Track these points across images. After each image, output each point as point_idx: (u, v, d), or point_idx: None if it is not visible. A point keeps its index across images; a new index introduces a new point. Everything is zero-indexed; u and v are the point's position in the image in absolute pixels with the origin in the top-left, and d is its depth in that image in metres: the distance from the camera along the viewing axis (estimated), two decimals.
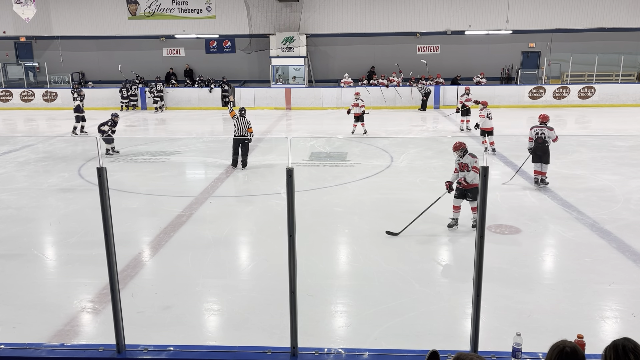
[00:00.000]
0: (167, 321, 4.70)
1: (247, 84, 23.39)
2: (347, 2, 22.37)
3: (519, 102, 20.72)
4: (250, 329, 4.57)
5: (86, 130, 15.58)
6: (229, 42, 23.52)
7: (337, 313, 4.88)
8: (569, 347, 2.16)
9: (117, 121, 12.71)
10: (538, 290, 5.29)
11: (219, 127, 17.72)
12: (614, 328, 4.58)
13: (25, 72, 23.86)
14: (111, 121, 12.60)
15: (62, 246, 6.74)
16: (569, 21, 21.79)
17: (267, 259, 6.08)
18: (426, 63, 21.41)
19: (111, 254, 3.00)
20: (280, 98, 21.47)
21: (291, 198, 2.83)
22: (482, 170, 2.73)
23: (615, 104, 20.37)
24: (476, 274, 2.85)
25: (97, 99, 21.67)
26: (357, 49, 23.01)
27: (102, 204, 2.90)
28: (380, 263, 6.00)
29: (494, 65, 22.49)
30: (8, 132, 17.11)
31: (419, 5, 22.28)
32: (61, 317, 4.78)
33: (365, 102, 21.36)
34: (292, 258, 2.91)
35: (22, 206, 8.35)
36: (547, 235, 6.92)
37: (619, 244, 6.36)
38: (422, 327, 4.57)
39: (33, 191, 9.21)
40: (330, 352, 3.08)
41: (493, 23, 22.13)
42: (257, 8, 22.26)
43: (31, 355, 3.11)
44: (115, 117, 12.69)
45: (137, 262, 6.08)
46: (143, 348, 3.14)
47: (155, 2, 22.94)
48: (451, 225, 7.02)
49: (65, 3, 23.11)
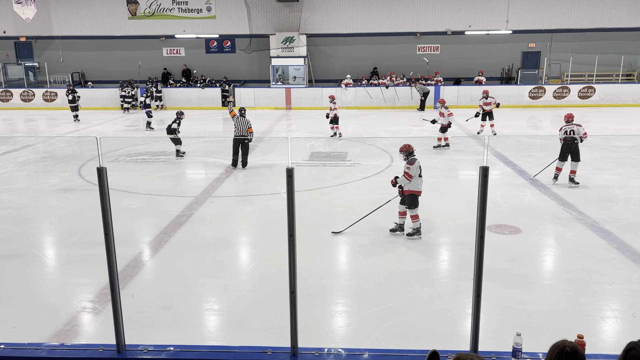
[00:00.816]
0: (167, 321, 4.70)
1: (247, 84, 23.39)
2: (347, 2, 22.37)
3: (519, 102, 20.72)
4: (250, 329, 4.57)
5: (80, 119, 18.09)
6: (229, 42, 23.52)
7: (337, 313, 4.88)
8: (569, 347, 2.16)
9: (182, 119, 11.91)
10: (538, 290, 5.29)
11: (219, 127, 17.72)
12: (614, 328, 4.58)
13: (25, 72, 23.86)
14: (178, 120, 11.86)
15: (62, 246, 6.74)
16: (569, 21, 21.79)
17: (267, 259, 6.08)
18: (427, 62, 21.45)
19: (111, 254, 3.00)
20: (280, 98, 21.47)
21: (291, 198, 2.83)
22: (482, 170, 2.73)
23: (615, 104, 20.37)
24: (476, 274, 2.85)
25: (97, 99, 21.70)
26: (357, 49, 23.02)
27: (102, 204, 2.90)
28: (380, 263, 6.00)
29: (494, 65, 22.48)
30: (8, 132, 17.11)
31: (419, 5, 22.28)
32: (61, 317, 4.78)
33: (366, 102, 21.56)
34: (292, 258, 2.91)
35: (22, 206, 8.35)
36: (547, 235, 6.92)
37: (619, 244, 6.36)
38: (422, 327, 4.57)
39: (33, 191, 9.21)
40: (330, 352, 3.08)
41: (493, 23, 22.13)
42: (257, 8, 22.26)
43: (31, 355, 3.11)
44: (181, 115, 11.92)
45: (137, 262, 6.08)
46: (143, 348, 3.14)
47: (155, 2, 22.94)
48: (394, 230, 6.79)
49: (65, 3, 23.11)
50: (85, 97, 21.07)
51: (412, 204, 6.60)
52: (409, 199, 6.61)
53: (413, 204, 6.60)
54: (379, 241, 6.63)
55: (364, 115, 19.32)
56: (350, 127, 16.72)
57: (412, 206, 6.60)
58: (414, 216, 6.63)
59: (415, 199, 6.59)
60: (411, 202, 6.60)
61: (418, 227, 6.67)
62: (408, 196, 6.60)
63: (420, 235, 6.67)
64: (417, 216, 6.64)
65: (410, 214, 6.66)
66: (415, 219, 6.64)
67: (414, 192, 6.59)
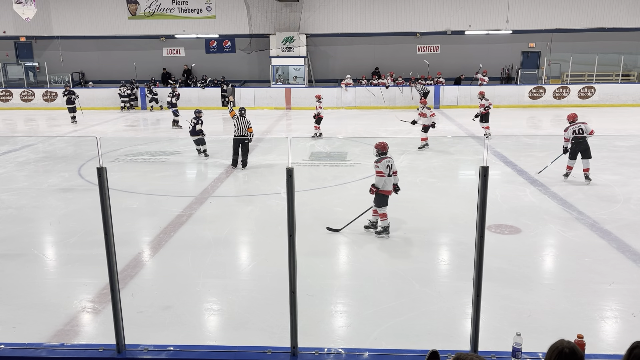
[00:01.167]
0: (167, 321, 4.70)
1: (247, 83, 23.40)
2: (347, 2, 22.37)
3: (519, 102, 20.73)
4: (250, 329, 4.56)
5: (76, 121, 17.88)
6: (229, 42, 23.52)
7: (337, 313, 4.88)
8: (567, 348, 2.16)
9: (200, 117, 11.68)
10: (538, 290, 5.28)
11: (219, 127, 17.72)
12: (614, 328, 4.58)
13: (25, 72, 23.87)
14: (199, 119, 11.66)
15: (62, 246, 6.74)
16: (569, 21, 21.79)
17: (267, 259, 6.08)
18: (428, 64, 21.48)
19: (111, 254, 3.00)
20: (280, 98, 21.48)
21: (291, 198, 2.83)
22: (482, 170, 2.73)
23: (615, 104, 20.38)
24: (476, 274, 2.85)
25: (97, 99, 21.70)
26: (357, 49, 23.02)
27: (102, 204, 2.90)
28: (380, 263, 6.00)
29: (494, 65, 22.48)
30: (8, 132, 17.11)
31: (419, 5, 22.29)
32: (61, 317, 4.77)
33: (366, 102, 21.56)
34: (292, 258, 2.91)
35: (22, 206, 8.35)
36: (547, 235, 6.92)
37: (619, 244, 6.36)
38: (422, 327, 4.57)
39: (33, 191, 9.21)
40: (330, 352, 3.08)
41: (493, 23, 22.14)
42: (257, 8, 22.26)
43: (31, 355, 3.11)
44: (200, 114, 11.71)
45: (137, 262, 6.08)
46: (143, 348, 3.14)
47: (155, 2, 22.94)
48: (367, 227, 6.89)
49: (65, 3, 23.12)
50: (85, 97, 21.07)
51: (380, 203, 6.71)
52: (377, 198, 6.71)
53: (381, 203, 6.71)
54: (379, 241, 6.63)
55: (364, 115, 19.32)
56: (350, 127, 16.74)
57: (380, 205, 6.73)
58: (383, 215, 6.73)
59: (383, 198, 6.70)
60: (379, 202, 6.71)
61: (386, 225, 6.73)
62: (376, 195, 6.69)
63: (388, 234, 6.73)
64: (385, 215, 6.72)
65: (380, 213, 6.75)
66: (383, 217, 6.74)
67: (382, 192, 6.66)
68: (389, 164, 6.64)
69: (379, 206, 6.71)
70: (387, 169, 6.59)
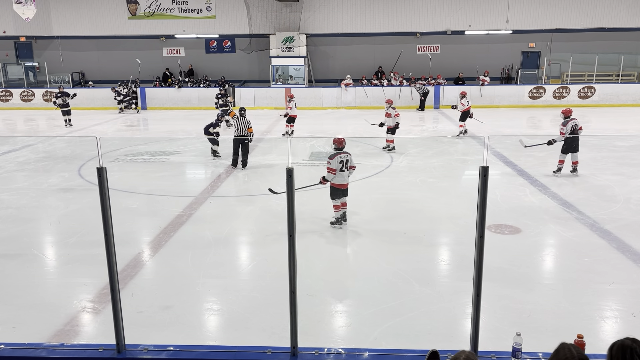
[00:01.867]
0: (167, 321, 4.70)
1: (247, 83, 23.39)
2: (347, 2, 22.36)
3: (519, 102, 20.72)
4: (250, 329, 4.56)
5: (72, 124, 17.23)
6: (229, 42, 23.52)
7: (337, 313, 4.88)
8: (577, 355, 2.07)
9: (221, 120, 11.74)
10: (538, 290, 5.28)
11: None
12: (614, 328, 4.58)
13: (25, 72, 23.85)
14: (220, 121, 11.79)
15: (62, 246, 6.74)
16: (569, 21, 21.78)
17: (267, 259, 6.08)
18: (430, 57, 21.49)
19: (111, 254, 3.00)
20: (280, 98, 21.45)
21: (291, 198, 2.83)
22: (481, 170, 2.73)
23: (615, 104, 20.37)
24: (476, 274, 2.85)
25: (96, 99, 21.69)
26: (357, 49, 23.02)
27: (102, 204, 2.90)
28: (380, 263, 6.00)
29: (494, 65, 22.47)
30: (8, 132, 17.10)
31: (419, 5, 22.28)
32: (61, 317, 4.77)
33: (366, 102, 21.53)
34: (292, 258, 2.91)
35: (22, 206, 8.35)
36: (547, 235, 6.92)
37: (619, 244, 6.36)
38: (422, 327, 4.57)
39: (33, 191, 9.21)
40: (330, 352, 3.08)
41: (493, 23, 22.13)
42: (257, 8, 22.26)
43: (31, 355, 3.11)
44: (221, 117, 11.66)
45: (137, 262, 6.08)
46: (143, 348, 3.14)
47: (155, 2, 22.93)
48: (333, 223, 7.12)
49: (65, 3, 23.11)
50: (85, 97, 21.08)
51: (333, 195, 7.05)
52: (330, 191, 7.02)
53: (333, 196, 7.05)
54: (378, 241, 6.63)
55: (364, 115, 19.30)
56: (350, 127, 16.74)
57: (333, 197, 7.06)
58: (335, 207, 7.06)
59: (335, 191, 7.02)
60: (332, 194, 7.06)
61: (338, 217, 7.06)
62: (331, 188, 7.00)
63: (340, 225, 7.05)
64: (338, 207, 7.06)
65: (333, 204, 7.07)
66: (336, 209, 7.08)
67: (334, 185, 6.96)
68: (343, 159, 6.91)
69: (332, 198, 7.05)
70: (339, 165, 6.87)
